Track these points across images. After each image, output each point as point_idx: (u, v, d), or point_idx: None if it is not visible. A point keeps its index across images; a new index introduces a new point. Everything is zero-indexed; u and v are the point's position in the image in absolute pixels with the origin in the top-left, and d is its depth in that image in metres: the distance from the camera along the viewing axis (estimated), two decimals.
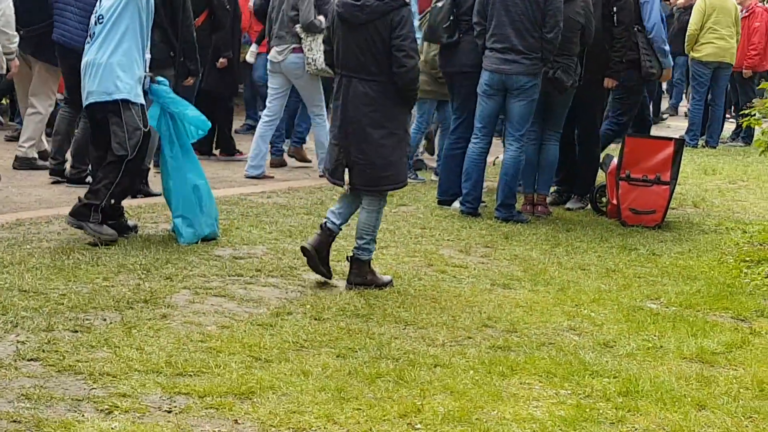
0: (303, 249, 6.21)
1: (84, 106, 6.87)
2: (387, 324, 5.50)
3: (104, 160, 6.76)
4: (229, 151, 10.72)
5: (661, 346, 5.46)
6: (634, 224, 8.42)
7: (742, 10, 14.58)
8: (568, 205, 9.10)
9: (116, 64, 6.62)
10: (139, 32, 6.69)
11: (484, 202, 8.62)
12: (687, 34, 13.85)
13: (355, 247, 6.22)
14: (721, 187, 10.68)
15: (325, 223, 6.24)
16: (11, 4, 7.99)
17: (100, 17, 6.67)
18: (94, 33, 6.71)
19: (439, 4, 8.67)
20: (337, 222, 6.24)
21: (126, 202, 8.02)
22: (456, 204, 8.64)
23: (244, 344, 4.99)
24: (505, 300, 6.10)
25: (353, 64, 6.01)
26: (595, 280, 6.73)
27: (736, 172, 11.73)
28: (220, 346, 4.94)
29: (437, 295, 6.11)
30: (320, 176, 9.68)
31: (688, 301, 6.34)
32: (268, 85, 9.77)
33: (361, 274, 6.17)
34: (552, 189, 9.12)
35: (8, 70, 8.38)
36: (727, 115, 15.64)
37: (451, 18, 8.55)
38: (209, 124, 7.12)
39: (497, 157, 8.54)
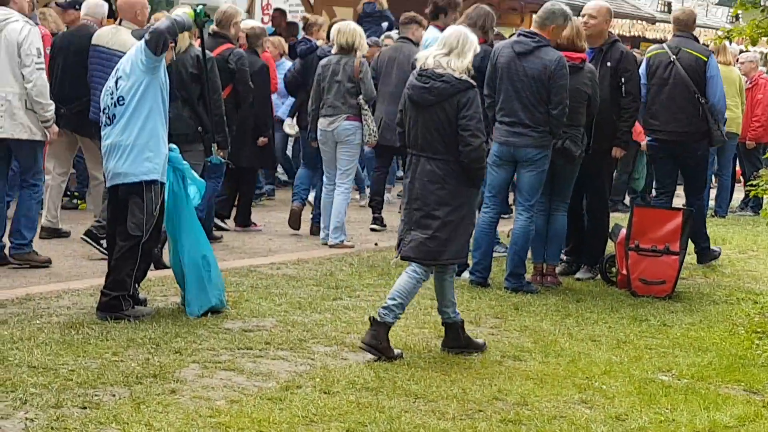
0: (363, 346, 6.22)
1: (108, 186, 6.91)
2: (397, 397, 5.47)
3: (122, 234, 6.77)
4: (245, 223, 10.78)
5: (674, 420, 5.42)
6: (644, 295, 8.39)
7: (746, 81, 14.67)
8: (577, 275, 9.08)
9: (144, 145, 6.72)
10: (162, 110, 6.81)
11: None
12: None
13: (443, 315, 6.44)
14: (731, 257, 10.66)
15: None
16: (44, 75, 8.17)
17: (120, 99, 6.73)
18: (114, 115, 6.76)
19: None
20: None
21: None
22: (465, 274, 8.63)
23: (254, 419, 4.97)
24: (516, 372, 6.07)
25: (422, 143, 6.30)
26: (606, 351, 6.70)
27: (746, 241, 11.71)
28: (229, 422, 4.92)
29: (447, 367, 6.08)
30: (330, 246, 9.82)
31: (700, 373, 6.30)
32: (322, 155, 10.12)
33: (456, 338, 6.43)
34: (563, 259, 9.11)
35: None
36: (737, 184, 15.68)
37: None
38: (204, 184, 7.23)
39: (511, 229, 8.57)
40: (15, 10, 8.27)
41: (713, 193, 14.08)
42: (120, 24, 9.09)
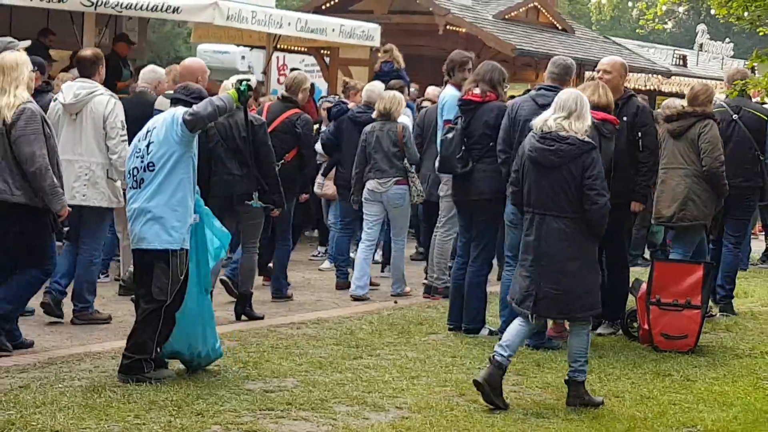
0: (476, 383, 6.52)
1: (133, 249, 6.97)
2: None
3: (146, 296, 6.81)
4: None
5: None
6: (666, 349, 8.34)
7: None
8: (599, 331, 9.03)
9: (173, 213, 6.79)
10: (192, 179, 6.92)
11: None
12: None
13: (570, 370, 6.66)
14: (753, 310, 10.60)
15: (494, 356, 6.60)
16: (127, 146, 8.17)
17: (151, 164, 6.81)
18: (143, 179, 6.84)
19: (450, 136, 8.77)
20: (506, 354, 6.61)
21: None
22: (484, 331, 8.60)
23: None
24: (539, 430, 6.04)
25: (547, 203, 6.64)
26: (630, 407, 6.65)
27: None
28: None
29: (470, 426, 6.05)
30: (391, 296, 10.27)
31: (726, 428, 6.25)
32: (365, 213, 10.59)
33: (579, 395, 6.63)
34: None
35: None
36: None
37: (463, 148, 8.66)
38: (229, 236, 7.29)
39: None
40: (98, 83, 8.66)
41: None
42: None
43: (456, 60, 9.93)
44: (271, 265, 10.46)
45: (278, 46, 17.15)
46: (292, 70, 16.89)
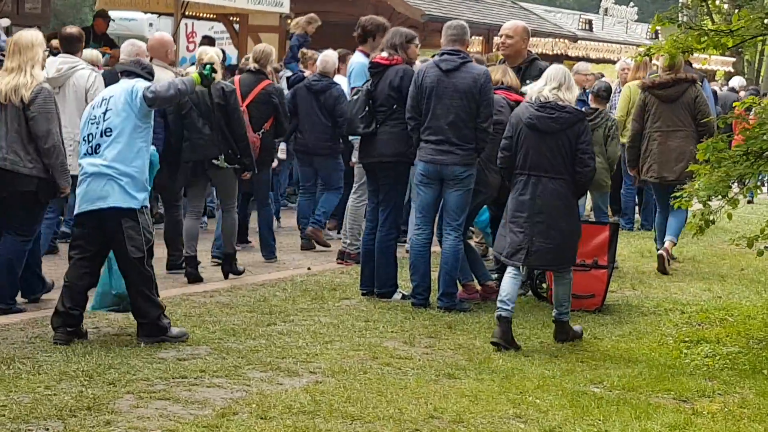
0: (493, 343, 7.13)
1: (88, 210, 7.04)
2: (334, 420, 5.49)
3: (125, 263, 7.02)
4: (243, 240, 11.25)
5: (606, 431, 5.52)
6: (574, 309, 8.48)
7: None
8: None
9: (139, 175, 7.05)
10: (149, 150, 7.19)
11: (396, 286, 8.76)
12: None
13: (556, 313, 7.45)
14: (657, 269, 10.83)
15: (500, 314, 7.19)
16: None
17: (108, 130, 7.03)
18: (99, 145, 7.04)
19: (355, 98, 8.88)
20: (509, 307, 7.20)
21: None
22: (397, 295, 8.68)
23: None
24: (451, 390, 6.13)
25: (545, 165, 7.27)
26: (539, 366, 6.79)
27: (672, 253, 11.90)
28: None
29: (383, 388, 6.12)
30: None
31: (631, 384, 6.41)
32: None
33: (565, 331, 7.45)
34: (494, 276, 9.20)
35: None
36: None
37: (367, 109, 8.68)
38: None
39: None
40: (80, 59, 9.14)
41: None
42: (150, 62, 9.01)
43: (368, 27, 9.88)
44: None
45: (186, 12, 16.94)
46: (204, 37, 16.76)
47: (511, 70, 8.91)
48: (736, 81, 21.91)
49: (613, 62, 26.19)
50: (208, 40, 16.24)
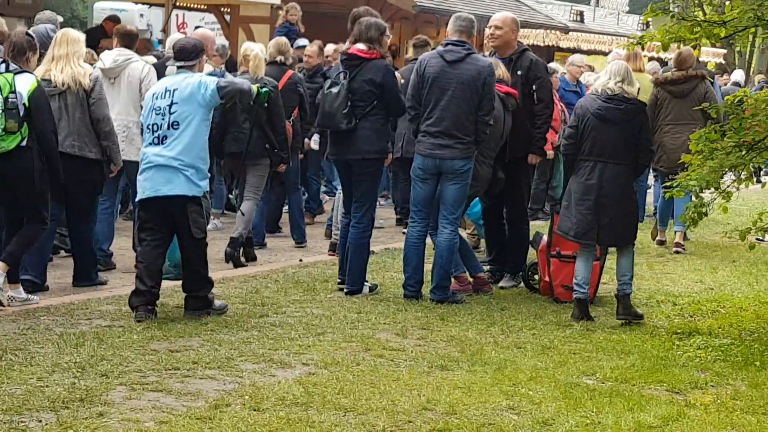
0: (573, 318, 7.89)
1: (154, 197, 7.52)
2: (327, 411, 5.49)
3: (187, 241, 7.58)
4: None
5: (599, 422, 5.52)
6: (567, 300, 8.50)
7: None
8: (501, 284, 9.18)
9: (202, 165, 7.60)
10: (207, 140, 7.73)
11: (368, 281, 8.68)
12: None
13: (620, 284, 7.99)
14: (649, 260, 10.86)
15: (577, 297, 7.96)
16: None
17: (175, 123, 7.50)
18: (165, 137, 7.53)
19: (334, 90, 8.44)
20: (584, 290, 7.97)
21: (59, 300, 7.98)
22: (365, 290, 8.52)
23: None
24: (444, 382, 6.13)
25: (611, 152, 7.91)
26: (532, 358, 6.79)
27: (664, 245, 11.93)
28: None
29: (376, 379, 6.12)
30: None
31: (624, 376, 6.42)
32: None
33: (627, 307, 7.97)
34: (485, 269, 9.21)
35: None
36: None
37: (349, 104, 8.39)
38: None
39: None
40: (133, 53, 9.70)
41: None
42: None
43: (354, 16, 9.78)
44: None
45: (177, 3, 16.89)
46: (196, 28, 16.69)
47: (502, 62, 8.89)
48: (738, 75, 21.90)
49: (605, 53, 26.24)
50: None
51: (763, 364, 6.84)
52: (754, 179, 10.58)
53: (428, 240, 8.58)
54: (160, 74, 9.13)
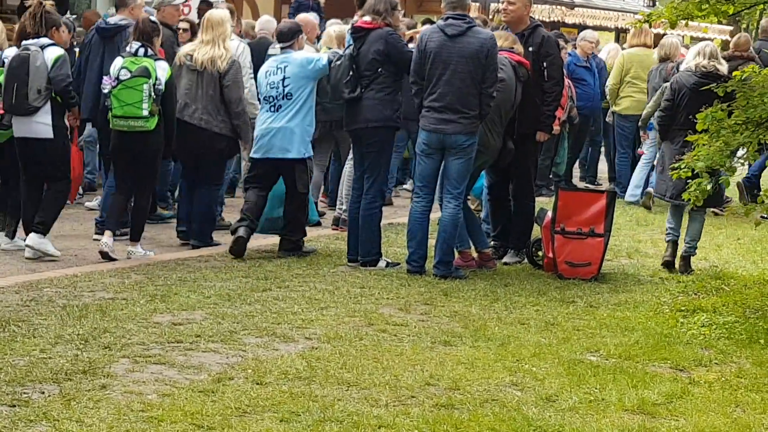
0: (667, 264, 9.02)
1: (268, 157, 8.91)
2: (330, 386, 5.48)
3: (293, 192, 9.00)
4: None
5: (603, 399, 5.51)
6: (570, 277, 8.49)
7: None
8: (505, 260, 9.16)
9: (306, 131, 8.96)
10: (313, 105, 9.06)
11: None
12: (607, 88, 14.11)
13: (687, 247, 8.99)
14: (653, 237, 10.83)
15: (670, 240, 9.09)
16: (254, 82, 9.85)
17: (289, 95, 8.87)
18: (280, 106, 8.88)
19: (338, 62, 8.85)
20: (677, 233, 9.07)
21: (62, 272, 7.97)
22: (381, 263, 8.61)
23: (186, 412, 4.94)
24: (447, 357, 6.12)
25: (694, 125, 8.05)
26: (535, 334, 6.78)
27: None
28: (162, 415, 4.89)
29: (379, 354, 6.11)
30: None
31: (627, 353, 6.41)
32: None
33: (689, 265, 8.99)
34: (491, 244, 9.18)
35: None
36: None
37: (351, 73, 8.56)
38: None
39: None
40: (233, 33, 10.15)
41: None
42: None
43: None
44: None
45: None
46: (202, 2, 16.55)
47: (518, 39, 8.83)
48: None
49: (610, 30, 26.11)
50: (207, 5, 16.08)
51: None
52: (760, 156, 10.56)
53: (433, 215, 8.57)
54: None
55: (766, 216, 10.22)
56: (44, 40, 8.55)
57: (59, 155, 8.70)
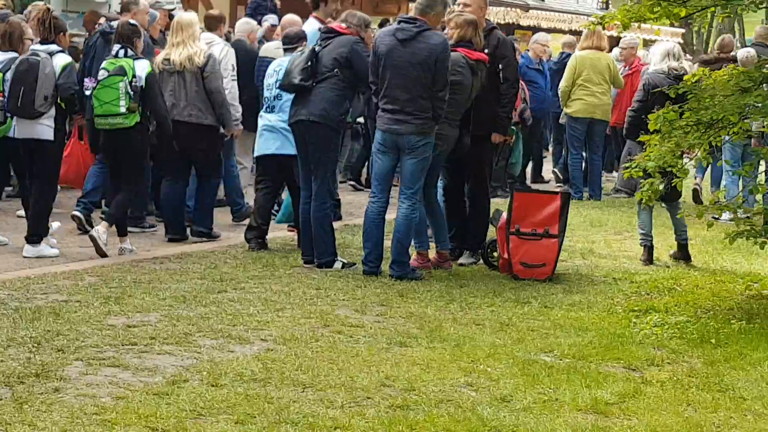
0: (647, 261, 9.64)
1: (268, 154, 9.28)
2: (285, 387, 5.48)
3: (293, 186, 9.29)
4: None
5: (557, 399, 5.55)
6: (525, 278, 8.54)
7: (624, 66, 14.98)
8: (461, 261, 9.20)
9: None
10: None
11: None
12: (559, 90, 14.22)
13: (682, 238, 9.67)
14: (607, 238, 10.93)
15: (645, 245, 9.68)
16: (236, 84, 10.20)
17: (279, 95, 9.12)
18: (274, 106, 9.22)
19: (299, 51, 8.91)
20: (651, 236, 9.61)
21: (14, 274, 7.90)
22: (337, 264, 8.61)
23: (140, 415, 4.92)
24: (402, 358, 6.13)
25: None
26: (490, 334, 6.81)
27: (621, 223, 12.01)
28: (116, 418, 4.86)
29: (335, 356, 6.11)
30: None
31: (581, 353, 6.46)
32: None
33: (685, 251, 9.68)
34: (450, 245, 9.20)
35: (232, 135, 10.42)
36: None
37: (309, 63, 8.53)
38: None
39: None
40: (217, 36, 10.55)
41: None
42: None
43: None
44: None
45: None
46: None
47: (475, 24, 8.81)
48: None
49: (564, 32, 26.28)
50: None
51: (719, 341, 6.90)
52: (711, 158, 10.68)
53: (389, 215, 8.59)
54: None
55: (717, 217, 10.35)
56: (53, 47, 8.81)
57: (53, 158, 8.96)
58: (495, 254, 9.05)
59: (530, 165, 15.53)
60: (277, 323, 6.78)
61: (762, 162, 11.63)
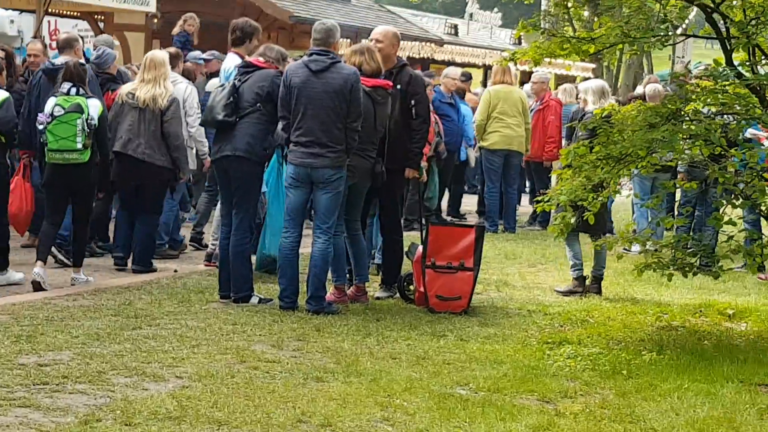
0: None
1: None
2: (200, 425, 5.44)
3: None
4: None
5: None
6: (441, 311, 8.60)
7: (536, 101, 15.22)
8: (376, 295, 9.23)
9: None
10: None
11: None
12: (474, 124, 14.42)
13: (595, 271, 9.94)
14: (521, 270, 11.06)
15: (577, 276, 9.90)
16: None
17: None
18: None
19: (220, 87, 8.83)
20: (582, 267, 9.95)
21: None
22: (254, 299, 8.59)
23: None
24: (319, 393, 6.13)
25: None
26: (407, 368, 6.84)
27: (535, 255, 12.17)
28: None
29: (251, 392, 6.08)
30: None
31: (496, 385, 6.51)
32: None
33: (599, 286, 9.92)
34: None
35: (202, 167, 11.04)
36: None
37: (231, 99, 8.54)
38: None
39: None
40: (178, 74, 10.83)
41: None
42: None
43: (246, 30, 10.01)
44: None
45: (49, 10, 16.53)
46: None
47: (375, 50, 8.89)
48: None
49: (478, 66, 26.64)
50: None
51: (630, 373, 7.02)
52: (623, 191, 10.90)
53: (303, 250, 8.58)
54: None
55: (627, 249, 10.54)
56: None
57: None
58: (411, 287, 9.10)
59: (446, 198, 15.66)
60: (193, 360, 6.73)
61: (678, 191, 11.92)
